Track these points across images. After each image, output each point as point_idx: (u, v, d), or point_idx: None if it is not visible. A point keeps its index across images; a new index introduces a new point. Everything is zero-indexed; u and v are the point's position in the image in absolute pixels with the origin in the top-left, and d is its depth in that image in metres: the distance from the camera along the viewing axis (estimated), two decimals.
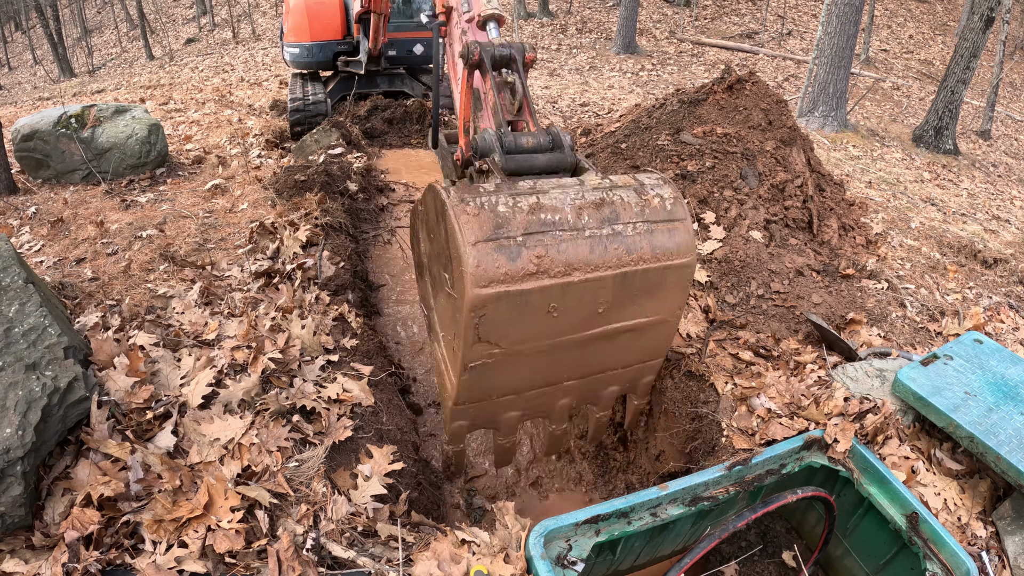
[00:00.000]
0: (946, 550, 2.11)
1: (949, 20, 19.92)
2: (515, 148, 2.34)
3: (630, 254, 2.12)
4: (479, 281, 1.88)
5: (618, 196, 2.14)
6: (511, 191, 2.03)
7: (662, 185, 2.25)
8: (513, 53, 2.49)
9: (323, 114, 7.00)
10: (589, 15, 19.47)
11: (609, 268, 2.08)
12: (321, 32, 7.15)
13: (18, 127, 4.76)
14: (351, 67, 7.26)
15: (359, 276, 4.17)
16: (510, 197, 2.00)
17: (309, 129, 6.93)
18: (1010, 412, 2.38)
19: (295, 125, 6.98)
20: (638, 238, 2.13)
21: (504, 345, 2.07)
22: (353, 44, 7.24)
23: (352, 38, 7.25)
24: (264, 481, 2.06)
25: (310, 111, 6.95)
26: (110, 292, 3.03)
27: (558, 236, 2.01)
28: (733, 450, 2.53)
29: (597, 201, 2.09)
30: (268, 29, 21.99)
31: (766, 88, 4.47)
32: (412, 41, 7.31)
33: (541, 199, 2.03)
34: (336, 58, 7.26)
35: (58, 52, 21.59)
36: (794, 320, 3.26)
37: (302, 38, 7.17)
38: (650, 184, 2.24)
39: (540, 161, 2.36)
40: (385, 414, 2.73)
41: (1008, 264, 4.65)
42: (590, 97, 10.57)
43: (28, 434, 1.82)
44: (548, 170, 2.38)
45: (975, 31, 9.86)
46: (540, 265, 1.97)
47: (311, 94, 7.03)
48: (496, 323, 1.99)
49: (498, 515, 2.08)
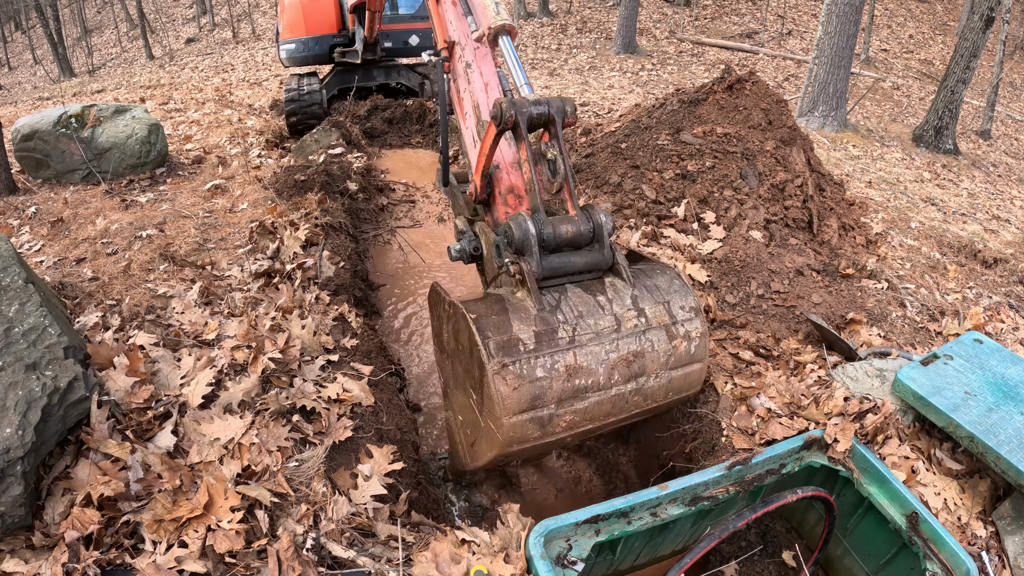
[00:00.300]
0: (946, 550, 2.11)
1: (949, 20, 19.92)
2: (553, 241, 2.22)
3: (646, 401, 2.29)
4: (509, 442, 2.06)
5: (650, 343, 2.23)
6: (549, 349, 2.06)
7: (692, 319, 2.32)
8: (552, 113, 2.24)
9: (318, 103, 6.98)
10: (589, 15, 19.47)
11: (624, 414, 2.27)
12: (317, 26, 7.18)
13: (18, 127, 4.76)
14: (347, 57, 7.26)
15: (359, 276, 4.17)
16: (548, 357, 2.05)
17: (305, 121, 6.93)
18: (1010, 412, 2.38)
19: (290, 116, 6.96)
20: (657, 386, 2.28)
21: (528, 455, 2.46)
22: (349, 36, 7.26)
23: (347, 31, 7.26)
24: (264, 481, 2.06)
25: (305, 101, 6.93)
26: (110, 292, 3.03)
27: (588, 398, 2.13)
28: (733, 450, 2.53)
29: (629, 357, 2.18)
30: (268, 29, 22.00)
31: (766, 88, 4.47)
32: (407, 32, 7.32)
33: (578, 357, 2.09)
34: (332, 51, 7.27)
35: (58, 52, 21.59)
36: (794, 320, 3.26)
37: (298, 33, 7.20)
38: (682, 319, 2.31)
39: (578, 264, 2.27)
40: (385, 414, 2.73)
41: (1008, 264, 4.66)
42: (590, 97, 10.57)
43: (28, 434, 1.82)
44: (586, 270, 2.31)
45: (975, 31, 9.86)
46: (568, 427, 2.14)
47: (306, 85, 7.02)
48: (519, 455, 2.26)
49: (501, 515, 2.08)
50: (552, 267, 2.21)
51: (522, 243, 2.17)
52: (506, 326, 2.05)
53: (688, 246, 3.75)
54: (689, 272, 3.51)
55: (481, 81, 2.72)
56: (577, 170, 4.61)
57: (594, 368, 2.11)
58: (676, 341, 2.26)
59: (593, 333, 2.13)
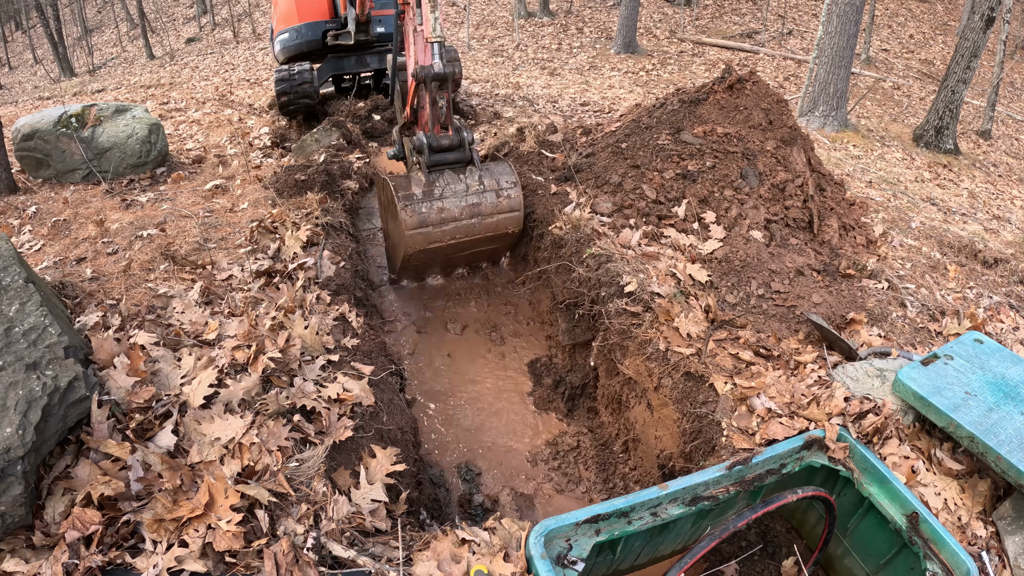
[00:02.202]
0: (946, 550, 2.11)
1: (950, 20, 19.90)
2: (437, 145, 3.95)
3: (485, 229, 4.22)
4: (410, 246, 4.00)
5: (485, 198, 4.11)
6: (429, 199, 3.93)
7: (513, 187, 4.20)
8: (446, 74, 3.78)
9: (309, 83, 6.96)
10: (589, 15, 19.46)
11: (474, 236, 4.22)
12: (309, 14, 7.22)
13: (18, 127, 4.76)
14: (341, 40, 7.25)
15: (360, 275, 4.16)
16: (428, 202, 3.93)
17: (297, 101, 6.92)
18: (1010, 412, 2.38)
19: (280, 95, 6.93)
20: (491, 222, 4.20)
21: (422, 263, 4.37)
22: (341, 22, 7.27)
23: (340, 17, 7.28)
24: (264, 480, 2.06)
25: (295, 81, 6.90)
26: (110, 292, 3.03)
27: (450, 224, 4.04)
28: (733, 450, 2.53)
29: (472, 203, 4.08)
30: (268, 28, 21.98)
31: (766, 88, 4.46)
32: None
33: (444, 203, 3.97)
34: (325, 37, 7.28)
35: (58, 51, 21.58)
36: (794, 320, 3.26)
37: (291, 22, 7.22)
38: (505, 186, 4.18)
39: (450, 158, 4.05)
40: (385, 414, 2.73)
41: (1008, 264, 4.65)
42: (590, 97, 10.56)
43: (28, 433, 1.82)
44: (456, 162, 4.07)
45: (976, 31, 9.86)
46: (440, 239, 4.06)
47: (296, 67, 7.01)
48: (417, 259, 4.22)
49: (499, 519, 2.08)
50: (435, 160, 3.99)
51: (419, 148, 3.94)
52: (408, 186, 3.91)
53: (688, 246, 3.75)
54: (689, 272, 3.51)
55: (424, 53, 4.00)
56: (577, 170, 4.63)
57: (453, 209, 4.00)
58: (500, 198, 4.15)
59: (453, 192, 4.00)
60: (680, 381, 2.98)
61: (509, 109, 8.31)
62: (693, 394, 2.90)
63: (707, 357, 2.99)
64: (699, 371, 2.92)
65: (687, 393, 2.93)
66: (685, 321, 3.15)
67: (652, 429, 3.23)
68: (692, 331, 3.12)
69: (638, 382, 3.30)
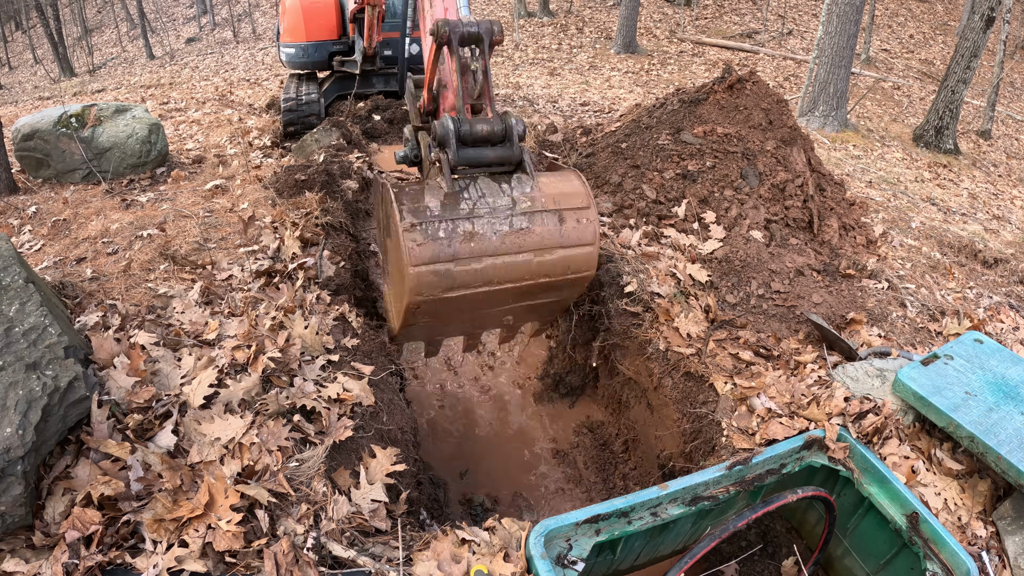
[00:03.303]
0: (946, 550, 2.11)
1: (950, 20, 19.90)
2: (470, 136, 2.55)
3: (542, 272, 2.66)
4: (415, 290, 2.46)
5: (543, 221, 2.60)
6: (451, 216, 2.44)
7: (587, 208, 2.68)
8: (481, 32, 2.52)
9: (316, 114, 6.98)
10: (589, 15, 19.46)
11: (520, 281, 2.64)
12: (317, 32, 7.16)
13: (18, 127, 4.76)
14: (346, 67, 7.25)
15: (360, 275, 4.16)
16: (450, 223, 2.43)
17: (302, 129, 6.92)
18: (1010, 412, 2.38)
19: (288, 125, 6.96)
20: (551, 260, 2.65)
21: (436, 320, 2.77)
22: (348, 44, 7.24)
23: (347, 38, 7.25)
24: (264, 480, 2.06)
25: (303, 111, 6.93)
26: (110, 292, 3.03)
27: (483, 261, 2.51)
28: (733, 450, 2.53)
29: (521, 231, 2.56)
30: (268, 28, 22.00)
31: (766, 88, 4.46)
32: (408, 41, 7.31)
33: (475, 225, 2.47)
34: (331, 58, 7.26)
35: (58, 51, 21.57)
36: (794, 320, 3.26)
37: (298, 38, 7.18)
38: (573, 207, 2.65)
39: (489, 156, 2.59)
40: (386, 414, 2.73)
41: (1008, 264, 4.65)
42: (590, 96, 10.56)
43: (28, 433, 1.82)
44: (496, 163, 2.63)
45: (976, 31, 9.86)
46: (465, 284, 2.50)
47: (304, 94, 7.01)
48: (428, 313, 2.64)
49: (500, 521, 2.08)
50: (467, 157, 2.56)
51: (443, 138, 2.51)
52: (419, 197, 2.46)
53: (688, 246, 3.75)
54: (690, 272, 3.51)
55: (442, 5, 3.00)
56: (578, 169, 4.62)
57: (490, 236, 2.50)
58: (566, 224, 2.63)
59: (490, 208, 2.51)
60: (680, 381, 2.98)
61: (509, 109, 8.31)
62: (693, 394, 2.90)
63: (707, 357, 2.99)
64: (699, 371, 2.92)
65: (687, 393, 2.93)
66: (685, 321, 3.15)
67: (652, 429, 3.23)
68: (692, 331, 3.12)
69: (638, 382, 3.30)
